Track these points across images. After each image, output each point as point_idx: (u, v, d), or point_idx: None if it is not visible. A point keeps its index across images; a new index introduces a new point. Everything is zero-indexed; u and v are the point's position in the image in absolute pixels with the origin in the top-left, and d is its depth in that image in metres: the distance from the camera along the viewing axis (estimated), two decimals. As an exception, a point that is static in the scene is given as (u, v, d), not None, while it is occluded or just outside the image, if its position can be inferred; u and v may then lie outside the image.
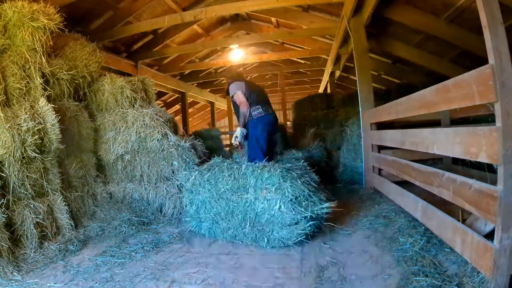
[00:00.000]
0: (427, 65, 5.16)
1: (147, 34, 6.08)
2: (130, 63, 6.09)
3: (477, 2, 1.37)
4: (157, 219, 3.09)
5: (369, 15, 3.60)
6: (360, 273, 1.79)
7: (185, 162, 3.30)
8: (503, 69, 1.28)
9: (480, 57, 1.98)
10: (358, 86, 3.74)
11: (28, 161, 2.55)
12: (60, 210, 2.68)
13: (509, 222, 1.27)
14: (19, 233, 2.34)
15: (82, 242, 2.53)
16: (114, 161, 3.42)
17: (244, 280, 1.81)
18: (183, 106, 9.41)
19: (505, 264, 1.29)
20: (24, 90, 2.70)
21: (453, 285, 1.51)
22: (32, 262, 2.19)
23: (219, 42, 7.08)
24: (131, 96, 3.54)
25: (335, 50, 5.66)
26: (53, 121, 2.61)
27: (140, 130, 3.33)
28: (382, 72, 6.95)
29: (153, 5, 5.24)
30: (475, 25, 3.66)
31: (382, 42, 5.07)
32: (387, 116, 2.86)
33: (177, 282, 1.84)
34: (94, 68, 3.42)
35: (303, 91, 12.05)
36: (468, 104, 1.51)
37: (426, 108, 1.96)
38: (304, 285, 1.72)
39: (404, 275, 1.67)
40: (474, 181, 1.47)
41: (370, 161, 3.46)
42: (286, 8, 5.33)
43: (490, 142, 1.34)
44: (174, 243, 2.48)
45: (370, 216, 2.70)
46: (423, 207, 2.06)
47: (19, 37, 2.72)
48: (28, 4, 2.74)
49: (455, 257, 1.75)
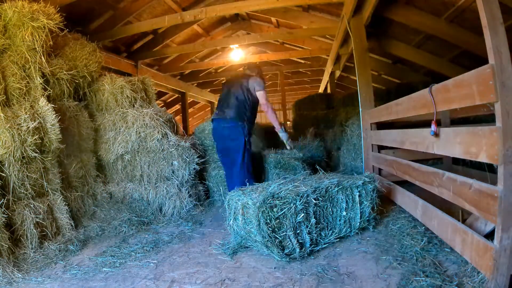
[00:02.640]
0: (427, 65, 5.16)
1: (147, 34, 6.08)
2: (130, 63, 6.09)
3: (477, 2, 1.37)
4: (157, 219, 3.08)
5: (369, 15, 3.59)
6: (360, 273, 1.79)
7: (185, 162, 3.30)
8: (503, 69, 1.28)
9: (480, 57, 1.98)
10: (358, 86, 3.74)
11: (28, 161, 2.55)
12: (60, 210, 2.68)
13: (509, 222, 1.27)
14: (19, 233, 2.34)
15: (82, 242, 2.53)
16: (114, 161, 3.42)
17: (244, 280, 1.81)
18: (183, 106, 9.41)
19: (505, 264, 1.29)
20: (24, 90, 2.70)
21: (453, 285, 1.51)
22: (32, 262, 2.19)
23: (219, 42, 7.08)
24: (131, 96, 3.53)
25: (335, 50, 5.66)
26: (53, 121, 2.61)
27: (140, 130, 3.33)
28: (382, 72, 6.94)
29: (153, 5, 5.24)
30: (475, 25, 3.66)
31: (382, 42, 5.06)
32: (387, 116, 2.86)
33: (177, 282, 1.84)
34: (94, 68, 3.42)
35: (303, 91, 12.06)
36: (468, 104, 1.51)
37: (426, 108, 1.95)
38: (304, 285, 1.72)
39: (404, 275, 1.67)
40: (474, 181, 1.47)
41: (370, 161, 3.45)
42: (286, 8, 5.33)
43: (490, 142, 1.34)
44: (174, 243, 2.48)
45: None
46: (423, 207, 2.06)
47: (19, 37, 2.72)
48: (28, 4, 2.74)
49: (455, 257, 1.75)
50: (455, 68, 4.59)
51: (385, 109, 2.93)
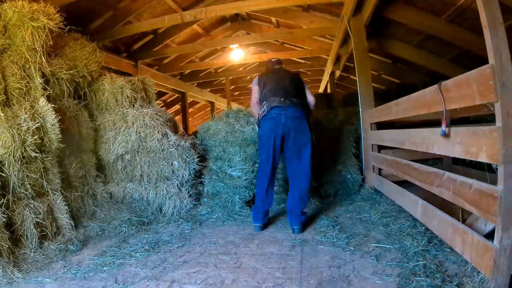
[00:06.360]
0: (427, 65, 5.16)
1: (147, 34, 6.08)
2: (130, 63, 6.09)
3: (477, 2, 1.37)
4: (157, 219, 3.08)
5: (369, 15, 3.59)
6: (360, 273, 1.79)
7: (185, 161, 3.30)
8: (503, 69, 1.28)
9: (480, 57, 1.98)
10: (358, 86, 3.74)
11: (28, 161, 2.55)
12: (60, 210, 2.68)
13: (509, 222, 1.27)
14: (19, 233, 2.34)
15: (82, 242, 2.53)
16: (114, 161, 3.42)
17: (244, 280, 1.81)
18: (183, 106, 9.41)
19: (505, 264, 1.28)
20: (24, 90, 2.70)
21: (453, 285, 1.51)
22: (32, 262, 2.19)
23: (219, 42, 7.08)
24: (131, 96, 3.53)
25: (335, 50, 5.66)
26: (53, 120, 2.61)
27: (140, 130, 3.33)
28: (382, 72, 6.95)
29: (153, 5, 5.25)
30: (475, 25, 3.66)
31: (382, 42, 5.07)
32: (387, 116, 2.86)
33: (177, 282, 1.84)
34: (94, 67, 3.42)
35: (303, 91, 12.02)
36: (468, 104, 1.51)
37: (426, 108, 1.96)
38: (304, 285, 1.72)
39: (404, 275, 1.67)
40: (474, 181, 1.47)
41: (370, 161, 3.46)
42: (286, 8, 5.34)
43: (490, 142, 1.34)
44: (174, 243, 2.48)
45: (371, 216, 2.70)
46: (423, 207, 2.06)
47: (19, 37, 2.72)
48: (28, 4, 2.74)
49: (455, 257, 1.75)
50: (455, 68, 4.59)
51: (385, 109, 2.93)
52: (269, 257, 2.10)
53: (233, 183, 3.32)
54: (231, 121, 3.64)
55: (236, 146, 3.44)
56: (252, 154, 3.38)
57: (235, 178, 3.36)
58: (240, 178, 3.33)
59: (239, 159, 3.37)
